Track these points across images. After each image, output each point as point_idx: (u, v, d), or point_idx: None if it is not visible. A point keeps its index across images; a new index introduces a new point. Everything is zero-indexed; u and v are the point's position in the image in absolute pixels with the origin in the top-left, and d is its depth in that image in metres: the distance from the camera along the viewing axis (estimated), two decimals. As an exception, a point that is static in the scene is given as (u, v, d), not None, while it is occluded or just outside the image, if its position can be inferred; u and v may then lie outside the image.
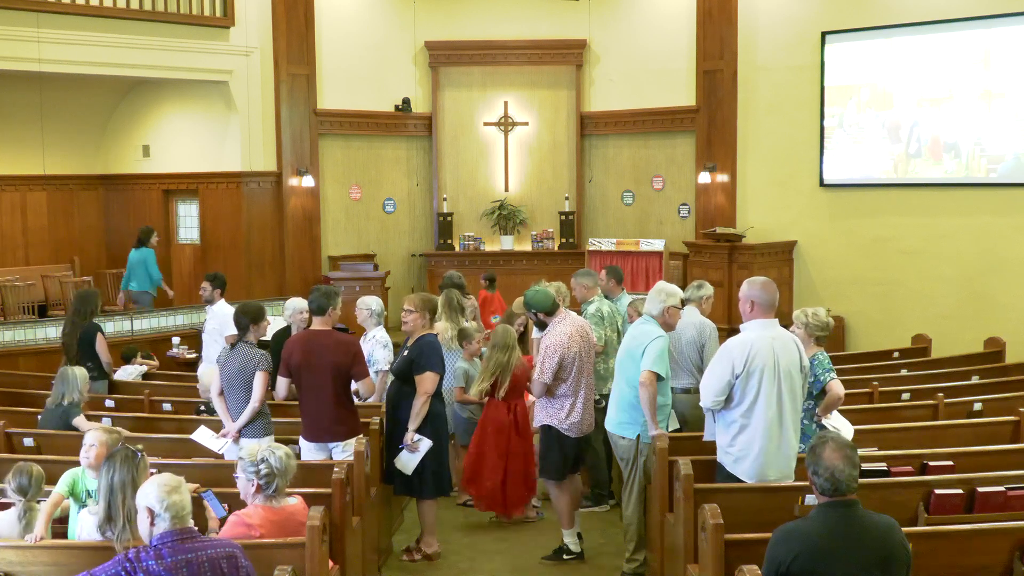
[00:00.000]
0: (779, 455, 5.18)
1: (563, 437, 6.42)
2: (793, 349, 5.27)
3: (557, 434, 6.42)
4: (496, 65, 15.57)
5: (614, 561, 6.53)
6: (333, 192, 15.21)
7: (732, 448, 5.24)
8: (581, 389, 6.41)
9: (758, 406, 5.14)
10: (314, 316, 6.37)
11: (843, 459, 3.66)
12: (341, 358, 6.11)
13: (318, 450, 6.19)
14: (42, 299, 13.92)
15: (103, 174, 15.44)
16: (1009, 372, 9.10)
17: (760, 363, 5.14)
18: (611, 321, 7.46)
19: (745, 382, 5.14)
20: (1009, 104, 11.93)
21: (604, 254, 13.57)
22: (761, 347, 5.17)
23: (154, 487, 3.79)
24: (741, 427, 5.20)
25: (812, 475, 3.71)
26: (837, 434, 3.85)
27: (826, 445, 3.72)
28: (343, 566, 5.21)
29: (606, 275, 8.21)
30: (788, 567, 3.60)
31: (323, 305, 6.31)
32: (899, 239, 12.82)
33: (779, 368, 5.15)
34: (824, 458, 3.67)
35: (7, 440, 6.84)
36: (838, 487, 3.64)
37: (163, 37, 12.97)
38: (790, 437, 5.21)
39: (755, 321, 5.27)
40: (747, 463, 5.19)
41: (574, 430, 6.44)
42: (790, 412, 5.18)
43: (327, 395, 6.10)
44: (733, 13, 13.92)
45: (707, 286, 7.41)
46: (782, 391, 5.15)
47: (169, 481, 3.82)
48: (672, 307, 6.13)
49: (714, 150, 14.31)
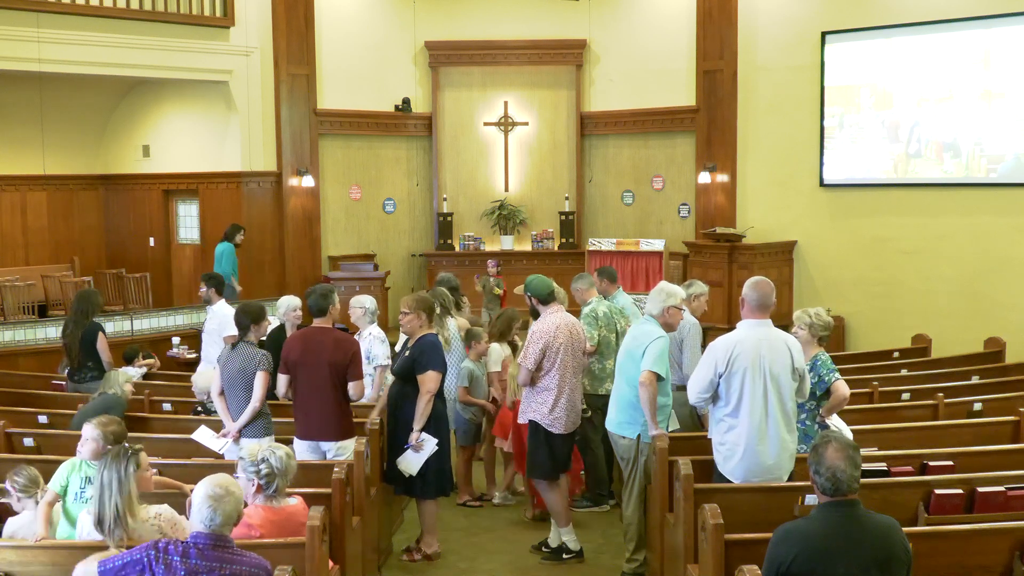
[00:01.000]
0: (767, 456, 5.16)
1: (549, 434, 6.36)
2: (783, 350, 5.23)
3: (544, 431, 6.38)
4: (496, 65, 15.57)
5: (614, 561, 6.52)
6: (333, 192, 15.22)
7: (722, 447, 5.28)
8: (566, 385, 6.35)
9: (743, 406, 5.15)
10: (315, 317, 6.38)
11: (845, 459, 3.67)
12: (339, 356, 6.11)
13: (311, 450, 6.18)
14: (42, 299, 13.92)
15: (103, 174, 15.44)
16: (1009, 372, 9.10)
17: (744, 363, 5.13)
18: (608, 322, 7.43)
19: (728, 381, 5.16)
20: (1009, 104, 11.93)
21: (604, 254, 13.58)
22: (746, 347, 5.16)
23: (201, 486, 3.80)
24: (729, 427, 5.23)
25: (813, 474, 3.71)
26: (840, 434, 3.84)
27: (828, 445, 3.72)
28: (343, 566, 5.20)
29: (598, 276, 8.25)
30: (788, 567, 3.60)
31: (323, 306, 6.33)
32: (899, 239, 12.82)
33: (765, 368, 5.13)
34: (826, 458, 3.67)
35: (7, 440, 6.84)
36: (839, 487, 3.64)
37: (163, 37, 12.98)
38: (781, 438, 5.18)
39: (746, 321, 5.30)
40: (733, 463, 5.21)
41: (558, 425, 6.37)
42: (779, 413, 5.16)
43: (323, 393, 6.10)
44: (733, 13, 13.93)
45: (697, 284, 7.42)
46: (768, 392, 5.14)
47: (215, 485, 3.79)
48: (672, 307, 6.12)
49: (714, 150, 14.32)
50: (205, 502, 3.75)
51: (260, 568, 3.82)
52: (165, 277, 14.99)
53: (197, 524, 3.78)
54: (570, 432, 6.51)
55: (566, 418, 6.39)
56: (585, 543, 6.71)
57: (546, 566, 6.54)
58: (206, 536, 3.74)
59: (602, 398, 7.42)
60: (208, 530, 3.74)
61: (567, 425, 6.43)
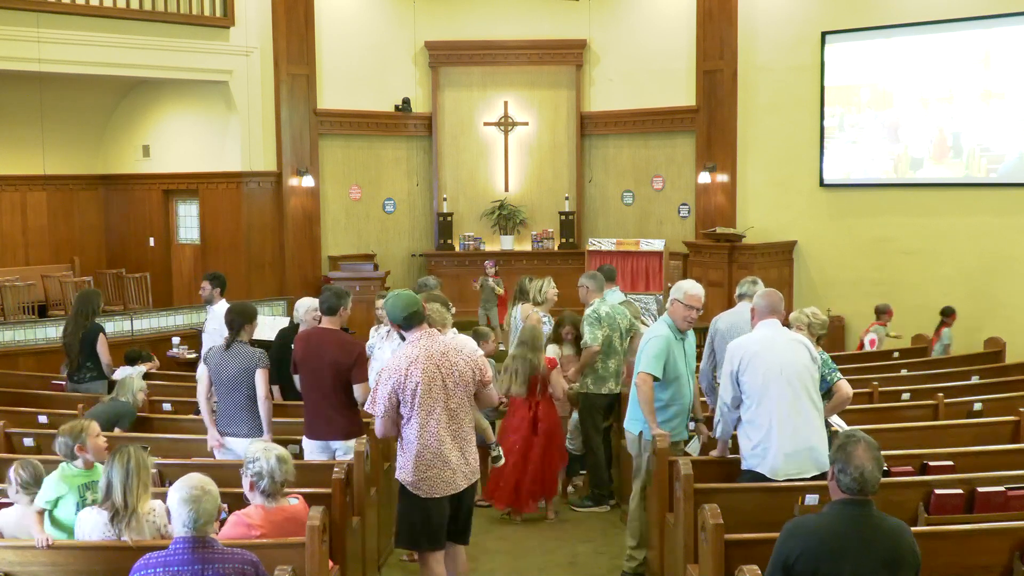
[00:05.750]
0: (799, 450, 5.15)
1: (416, 498, 4.98)
2: (800, 347, 5.31)
3: (410, 493, 5.00)
4: (496, 65, 15.57)
5: (614, 561, 6.52)
6: (333, 192, 15.21)
7: (757, 448, 5.25)
8: (430, 437, 4.90)
9: (767, 403, 5.17)
10: (324, 316, 6.36)
11: (872, 460, 3.64)
12: (343, 357, 6.11)
13: (321, 449, 6.19)
14: (42, 299, 13.92)
15: (103, 174, 15.44)
16: (1009, 372, 9.10)
17: (759, 361, 5.19)
18: (611, 322, 7.43)
19: (749, 379, 5.20)
20: (1009, 104, 11.93)
21: (604, 254, 13.56)
22: (760, 346, 5.24)
23: (176, 490, 3.80)
24: (757, 427, 5.23)
25: (839, 472, 3.66)
26: (866, 435, 3.81)
27: (859, 444, 3.68)
28: (343, 566, 5.20)
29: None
30: (795, 561, 3.59)
31: (335, 305, 6.32)
32: (899, 239, 12.82)
33: (784, 366, 5.18)
34: (856, 456, 3.64)
35: (7, 440, 6.84)
36: (864, 487, 3.62)
37: (163, 37, 12.97)
38: (811, 432, 5.18)
39: (758, 323, 5.45)
40: (768, 459, 5.20)
41: (424, 487, 4.94)
42: (808, 406, 5.19)
43: (326, 393, 6.11)
44: (733, 13, 13.93)
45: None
46: (794, 386, 5.16)
47: (190, 486, 3.79)
48: (675, 300, 6.12)
49: (714, 150, 14.31)
50: (183, 505, 3.74)
51: (246, 563, 3.81)
52: (165, 277, 14.98)
53: (179, 528, 3.77)
54: (447, 495, 4.99)
55: (437, 478, 4.93)
56: (585, 543, 6.70)
57: (546, 566, 6.54)
58: (185, 540, 3.74)
59: (605, 397, 7.43)
60: (190, 532, 3.74)
61: (439, 486, 4.95)
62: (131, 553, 4.05)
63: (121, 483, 4.27)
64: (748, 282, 7.22)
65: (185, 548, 3.72)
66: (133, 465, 4.28)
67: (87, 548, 4.32)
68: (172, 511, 3.79)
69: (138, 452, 4.37)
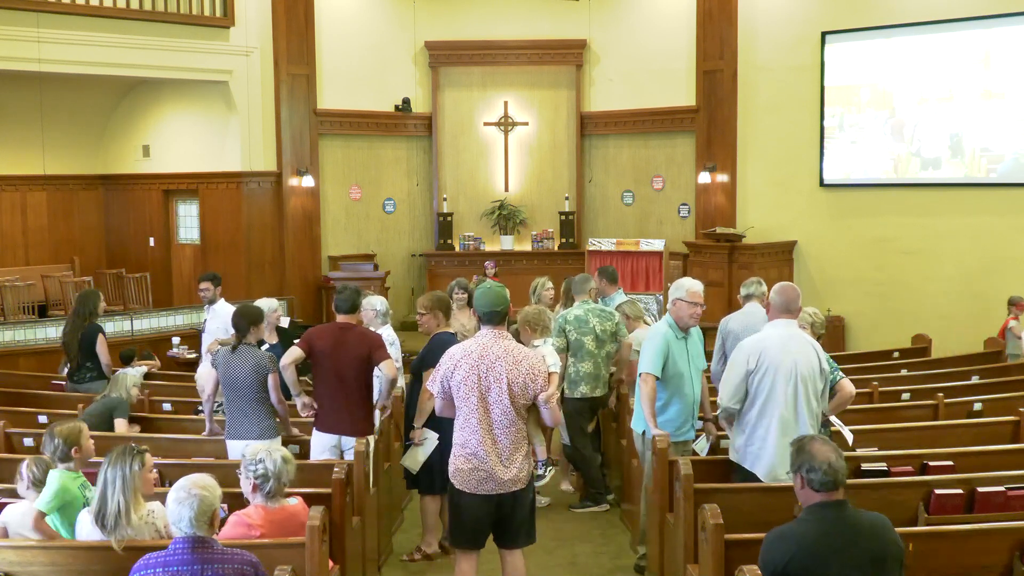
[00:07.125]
0: None
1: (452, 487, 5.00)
2: (810, 350, 5.29)
3: (451, 482, 5.01)
4: (496, 65, 15.57)
5: (614, 561, 6.52)
6: (333, 192, 15.22)
7: (751, 447, 5.27)
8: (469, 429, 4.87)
9: (772, 403, 5.17)
10: (345, 313, 6.34)
11: (833, 451, 3.74)
12: (363, 350, 6.14)
13: (331, 444, 6.18)
14: (42, 299, 13.92)
15: (103, 174, 15.44)
16: (1009, 372, 9.10)
17: (772, 361, 5.18)
18: (579, 325, 7.29)
19: (758, 379, 5.19)
20: (1009, 104, 11.93)
21: (604, 254, 13.56)
22: (773, 345, 5.21)
23: (173, 491, 3.79)
24: (756, 425, 5.23)
25: (807, 473, 3.71)
26: (814, 433, 3.88)
27: (814, 441, 3.80)
28: (343, 566, 5.21)
29: (598, 276, 8.27)
30: (784, 569, 3.61)
31: (356, 302, 6.40)
32: (899, 239, 12.82)
33: (795, 367, 5.18)
34: (817, 452, 3.72)
35: (7, 440, 6.84)
36: (836, 478, 3.68)
37: (163, 37, 12.97)
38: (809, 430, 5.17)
39: (772, 322, 5.39)
40: (764, 460, 5.21)
41: (457, 478, 4.94)
42: (806, 411, 5.19)
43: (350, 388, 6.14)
44: (733, 13, 13.93)
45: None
46: (798, 390, 5.16)
47: (187, 487, 3.77)
48: (677, 299, 6.10)
49: (714, 150, 14.32)
50: (180, 505, 3.74)
51: (246, 563, 3.80)
52: (165, 277, 14.98)
53: (176, 529, 3.77)
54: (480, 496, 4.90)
55: (470, 475, 4.89)
56: (585, 543, 6.70)
57: (546, 566, 6.53)
58: (185, 540, 3.73)
59: (580, 401, 7.40)
60: (189, 533, 3.73)
61: (470, 482, 4.90)
62: (131, 553, 4.04)
63: (101, 492, 4.21)
64: (754, 282, 7.23)
65: (185, 548, 3.72)
66: (111, 477, 4.21)
67: (87, 548, 4.32)
68: (172, 511, 3.78)
69: (124, 460, 4.26)
